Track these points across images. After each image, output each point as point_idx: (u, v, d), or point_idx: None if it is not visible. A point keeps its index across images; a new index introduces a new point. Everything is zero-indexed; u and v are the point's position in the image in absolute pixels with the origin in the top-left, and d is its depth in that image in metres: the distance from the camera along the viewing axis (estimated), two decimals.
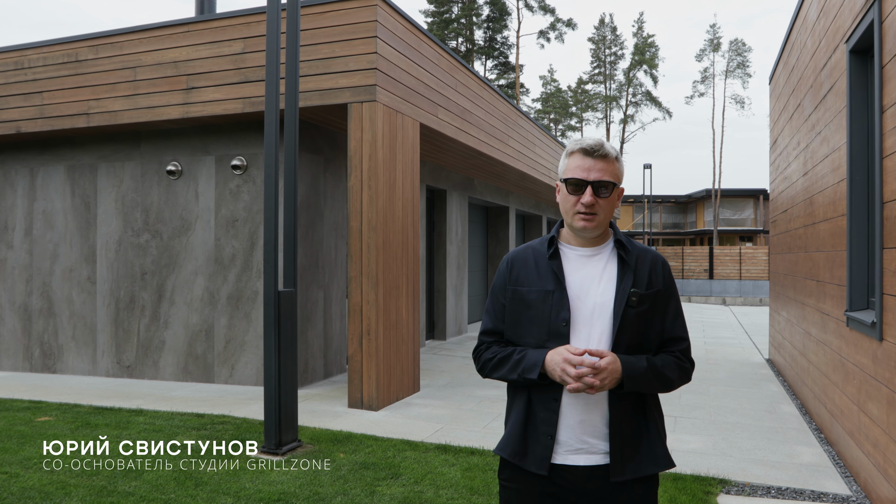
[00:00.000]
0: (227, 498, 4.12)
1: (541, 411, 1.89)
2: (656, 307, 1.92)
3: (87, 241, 8.49)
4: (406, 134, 7.20)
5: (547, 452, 1.86)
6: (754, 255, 30.17)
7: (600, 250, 1.95)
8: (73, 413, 6.24)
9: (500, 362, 1.95)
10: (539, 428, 1.88)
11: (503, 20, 43.30)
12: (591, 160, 1.88)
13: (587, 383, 1.75)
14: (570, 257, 1.95)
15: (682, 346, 1.96)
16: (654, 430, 1.92)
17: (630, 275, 1.90)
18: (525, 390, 1.93)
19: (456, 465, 4.75)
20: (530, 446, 1.89)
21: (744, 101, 48.68)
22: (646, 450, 1.89)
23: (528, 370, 1.85)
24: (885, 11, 3.88)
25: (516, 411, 1.95)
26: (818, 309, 6.02)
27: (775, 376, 8.64)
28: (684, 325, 1.99)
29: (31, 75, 8.22)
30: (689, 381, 1.97)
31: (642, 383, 1.84)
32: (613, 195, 1.90)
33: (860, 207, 4.59)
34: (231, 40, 7.24)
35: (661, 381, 1.89)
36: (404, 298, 7.12)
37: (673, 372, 1.91)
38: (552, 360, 1.81)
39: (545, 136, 14.08)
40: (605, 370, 1.76)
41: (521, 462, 1.90)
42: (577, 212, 1.88)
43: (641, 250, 1.97)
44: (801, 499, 4.25)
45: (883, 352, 3.87)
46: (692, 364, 1.99)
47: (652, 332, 1.92)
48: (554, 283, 1.90)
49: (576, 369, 1.76)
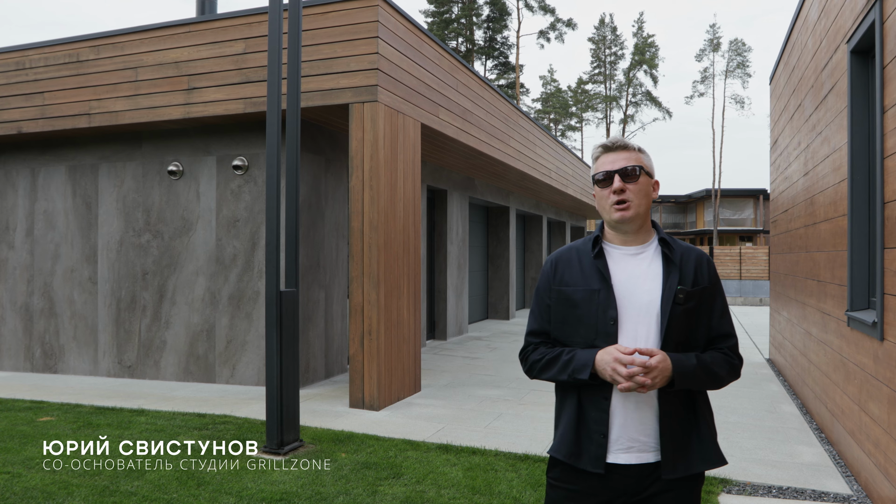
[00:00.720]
0: (229, 497, 4.12)
1: (592, 411, 1.89)
2: (703, 304, 1.92)
3: (88, 242, 8.50)
4: (407, 134, 7.21)
5: (601, 451, 1.87)
6: (754, 255, 30.17)
7: (644, 248, 1.96)
8: (74, 413, 6.25)
9: (548, 363, 1.95)
10: (591, 427, 1.89)
11: (503, 20, 43.32)
12: (613, 154, 1.93)
13: (639, 382, 1.76)
14: (615, 256, 1.95)
15: (730, 342, 1.97)
16: (704, 427, 1.92)
17: (676, 272, 1.91)
18: (575, 391, 1.93)
19: (457, 465, 4.76)
20: (584, 446, 1.90)
21: (744, 101, 48.73)
22: (696, 447, 1.90)
23: (578, 370, 1.86)
24: (887, 12, 3.88)
25: (567, 412, 1.95)
26: (819, 309, 6.03)
27: (776, 376, 8.65)
28: (731, 321, 2.00)
29: (32, 75, 8.23)
30: (738, 377, 1.98)
31: (692, 380, 1.85)
32: (643, 180, 1.92)
33: (861, 207, 4.59)
34: (232, 40, 7.24)
35: (711, 377, 1.89)
36: (405, 298, 7.12)
37: (722, 368, 1.92)
38: (602, 359, 1.81)
39: (545, 136, 14.09)
40: (656, 368, 1.77)
41: (576, 462, 1.90)
42: (612, 203, 1.90)
43: (686, 248, 1.98)
44: (802, 498, 4.26)
45: (884, 351, 3.88)
46: (741, 360, 1.99)
47: (699, 329, 1.92)
48: (600, 282, 1.90)
49: (627, 368, 1.77)
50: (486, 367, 9.07)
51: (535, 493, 4.23)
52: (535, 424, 5.97)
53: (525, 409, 6.54)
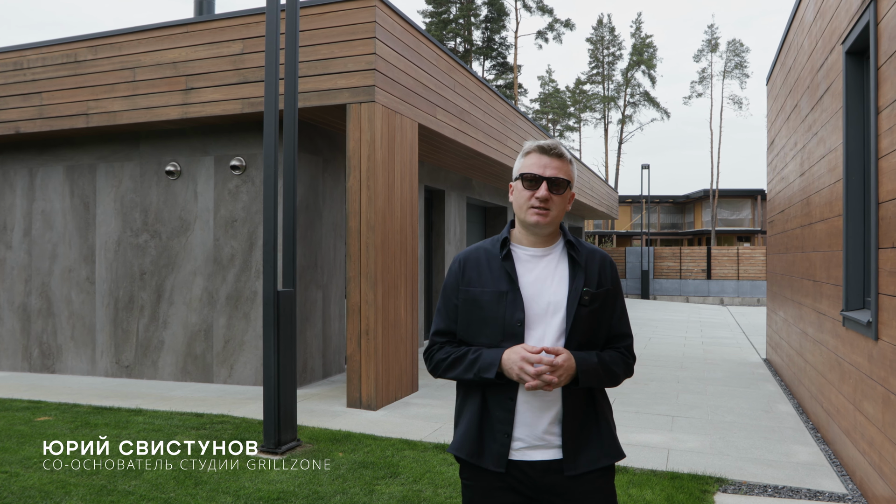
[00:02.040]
0: (227, 497, 4.13)
1: (497, 410, 1.92)
2: (605, 305, 1.98)
3: (86, 242, 8.50)
4: (404, 134, 7.22)
5: (504, 450, 1.89)
6: (752, 255, 30.21)
7: (551, 250, 1.99)
8: (72, 413, 6.25)
9: (454, 362, 1.96)
10: (495, 427, 1.91)
11: (501, 20, 43.34)
12: (548, 158, 1.94)
13: (545, 380, 1.79)
14: (523, 258, 1.98)
15: (626, 342, 2.04)
16: (603, 422, 1.97)
17: (581, 274, 1.95)
18: (479, 390, 1.95)
19: (454, 465, 4.77)
20: (486, 445, 1.92)
21: (741, 102, 48.84)
22: (596, 442, 1.94)
23: (484, 370, 1.88)
24: (881, 13, 3.91)
25: (469, 411, 1.97)
26: (815, 309, 6.05)
27: (772, 376, 8.68)
28: (628, 322, 2.07)
29: (30, 76, 8.23)
30: (631, 375, 2.05)
31: (595, 378, 1.90)
32: (566, 194, 1.96)
33: (856, 207, 4.62)
34: (230, 41, 7.25)
35: (610, 375, 1.95)
36: (403, 298, 7.14)
37: (619, 367, 1.98)
38: (509, 359, 1.84)
39: (543, 136, 14.11)
40: (562, 367, 1.81)
41: (477, 461, 1.93)
42: (532, 206, 1.92)
43: (590, 250, 2.02)
44: (797, 497, 4.28)
45: (878, 351, 3.90)
46: (634, 359, 2.06)
47: (601, 329, 1.97)
48: (507, 284, 1.93)
49: (534, 367, 1.79)
50: None
51: None
52: None
53: None
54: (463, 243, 12.67)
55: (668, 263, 31.02)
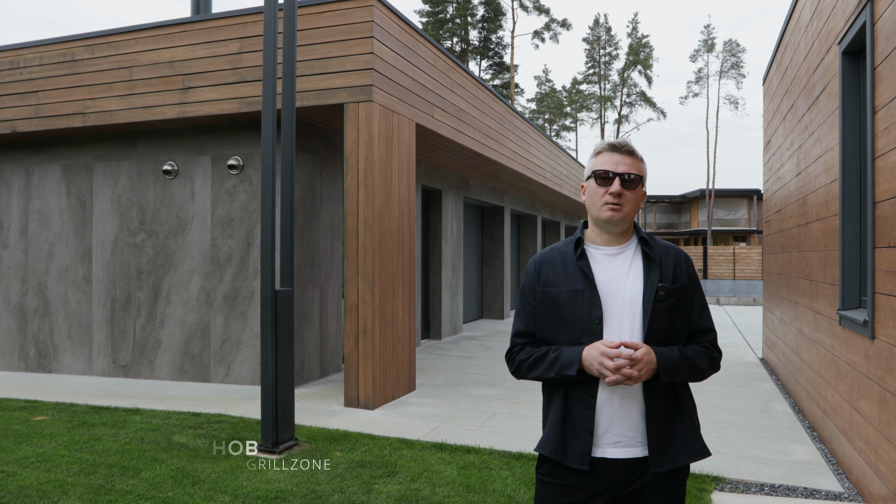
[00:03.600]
0: (225, 496, 4.13)
1: (578, 408, 1.93)
2: (682, 300, 1.97)
3: (82, 241, 8.49)
4: (402, 134, 7.23)
5: (586, 448, 1.91)
6: (748, 254, 30.28)
7: (625, 248, 2.00)
8: (69, 412, 6.24)
9: (535, 362, 1.98)
10: (577, 424, 1.93)
11: (498, 20, 43.36)
12: (619, 155, 1.96)
13: (625, 374, 1.80)
14: (597, 257, 2.00)
15: (709, 336, 2.03)
16: (688, 420, 1.97)
17: (656, 270, 1.95)
18: (561, 388, 1.97)
19: (452, 464, 4.78)
20: (569, 442, 1.93)
21: (738, 102, 48.96)
22: (681, 440, 1.94)
23: (565, 367, 1.89)
24: (877, 13, 3.92)
25: (555, 410, 1.99)
26: (811, 308, 6.07)
27: (769, 375, 8.70)
28: (710, 316, 2.05)
29: (26, 75, 8.21)
30: (718, 369, 2.04)
31: (676, 373, 1.89)
32: (639, 189, 1.97)
33: (852, 207, 4.63)
34: (227, 40, 7.25)
35: (694, 370, 1.94)
36: (400, 298, 7.14)
37: (704, 361, 1.97)
38: (589, 354, 1.85)
39: (540, 136, 14.12)
40: (642, 361, 1.81)
41: (561, 459, 1.94)
42: (605, 202, 1.94)
43: (664, 246, 2.03)
44: (793, 496, 4.29)
45: (875, 350, 3.92)
46: (720, 353, 2.05)
47: (680, 324, 1.97)
48: (583, 282, 1.94)
49: (613, 361, 1.80)
50: (480, 366, 9.09)
51: (529, 492, 4.25)
52: (529, 423, 5.99)
53: (519, 408, 6.57)
54: (460, 243, 12.68)
55: None
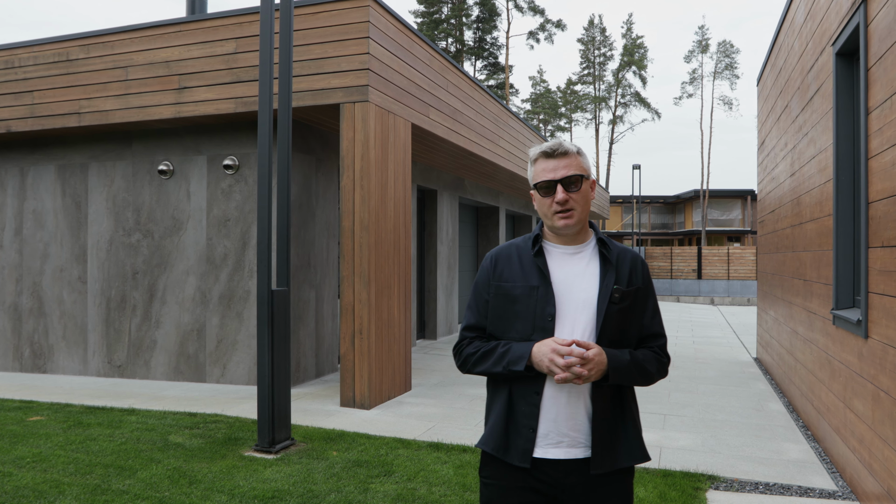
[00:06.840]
0: (222, 496, 4.13)
1: (522, 405, 1.91)
2: (636, 304, 1.97)
3: (77, 241, 8.47)
4: (398, 134, 7.23)
5: (528, 445, 1.89)
6: (742, 255, 30.38)
7: (583, 248, 2.00)
8: (64, 413, 6.23)
9: (483, 356, 1.98)
10: (520, 421, 1.91)
11: (493, 21, 43.39)
12: (554, 160, 1.94)
13: (575, 373, 1.78)
14: (554, 254, 1.99)
15: (660, 341, 2.03)
16: (631, 423, 1.96)
17: (612, 272, 1.95)
18: (506, 384, 1.95)
19: (448, 463, 4.79)
20: (512, 440, 1.92)
21: (732, 103, 49.03)
22: (624, 442, 1.93)
23: (514, 362, 1.88)
24: (871, 14, 3.95)
25: (498, 406, 1.98)
26: (805, 308, 6.10)
27: (763, 375, 8.74)
28: (661, 322, 2.05)
29: (21, 74, 8.19)
30: (665, 375, 2.03)
31: (626, 375, 1.89)
32: (585, 187, 1.95)
33: (846, 207, 4.67)
34: (223, 40, 7.24)
35: (643, 374, 1.94)
36: (396, 298, 7.15)
37: (653, 366, 1.97)
38: (539, 351, 1.84)
39: (535, 136, 14.14)
40: (593, 361, 1.80)
41: (503, 455, 1.92)
42: (555, 211, 1.93)
43: (621, 249, 2.03)
44: (788, 494, 4.32)
45: (868, 349, 3.95)
46: (669, 359, 2.05)
47: (632, 327, 1.97)
48: (539, 279, 1.94)
49: (564, 359, 1.79)
50: None
51: None
52: None
53: None
54: (455, 243, 12.69)
55: (659, 263, 31.15)
